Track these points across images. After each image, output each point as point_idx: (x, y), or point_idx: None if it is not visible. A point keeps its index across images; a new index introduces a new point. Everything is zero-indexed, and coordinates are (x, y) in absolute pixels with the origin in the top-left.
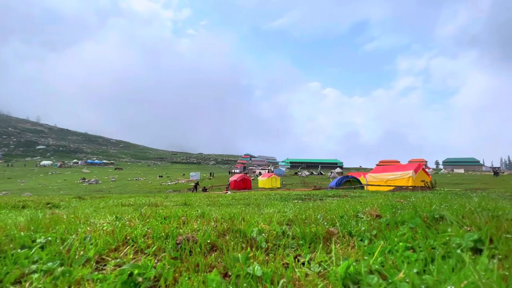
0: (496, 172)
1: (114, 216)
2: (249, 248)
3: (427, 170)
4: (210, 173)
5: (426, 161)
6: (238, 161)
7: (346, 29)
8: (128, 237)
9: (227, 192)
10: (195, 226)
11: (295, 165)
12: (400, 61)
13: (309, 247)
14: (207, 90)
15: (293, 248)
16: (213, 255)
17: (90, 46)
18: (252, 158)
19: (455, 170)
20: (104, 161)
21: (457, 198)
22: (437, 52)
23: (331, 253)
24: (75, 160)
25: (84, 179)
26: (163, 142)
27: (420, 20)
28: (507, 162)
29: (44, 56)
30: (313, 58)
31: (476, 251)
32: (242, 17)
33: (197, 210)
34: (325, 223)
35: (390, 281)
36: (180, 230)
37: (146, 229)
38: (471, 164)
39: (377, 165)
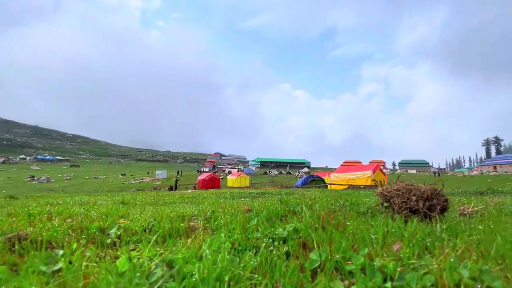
0: (436, 173)
1: None
2: (92, 245)
3: (385, 170)
4: (178, 172)
5: (385, 162)
6: (207, 160)
7: (316, 34)
8: None
9: (194, 191)
10: (48, 224)
11: (265, 164)
12: (364, 68)
13: (163, 242)
14: (176, 86)
15: (139, 243)
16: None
17: (43, 29)
18: (222, 157)
19: (409, 171)
20: (58, 157)
21: (355, 194)
22: (397, 62)
23: (173, 247)
24: (22, 156)
25: (32, 177)
26: (126, 138)
27: (384, 31)
28: (451, 164)
29: None
30: (285, 60)
31: (285, 241)
32: (215, 13)
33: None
34: (200, 218)
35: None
36: (29, 228)
37: None
38: (422, 165)
39: (341, 165)
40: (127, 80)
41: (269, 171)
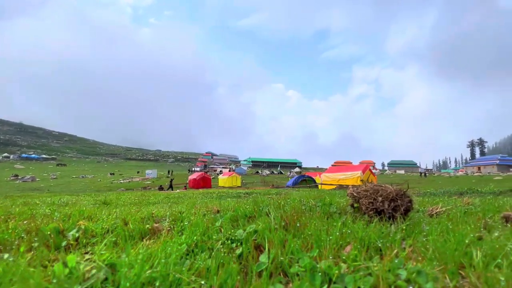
0: (423, 173)
1: None
2: (44, 248)
3: (374, 171)
4: (169, 171)
5: (374, 163)
6: (199, 159)
7: (309, 35)
8: None
9: (185, 190)
10: (3, 226)
11: (257, 164)
12: (356, 70)
13: (125, 244)
14: (168, 84)
15: (98, 245)
16: None
17: (28, 23)
18: (214, 157)
19: (397, 171)
20: (44, 155)
21: (332, 194)
22: (388, 64)
23: (132, 249)
24: (5, 154)
25: (16, 175)
26: (116, 137)
27: (375, 33)
28: (438, 165)
29: None
30: (278, 60)
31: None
32: (208, 11)
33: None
34: (168, 220)
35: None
36: None
37: None
38: (410, 166)
39: (332, 165)
40: (117, 78)
41: (261, 171)
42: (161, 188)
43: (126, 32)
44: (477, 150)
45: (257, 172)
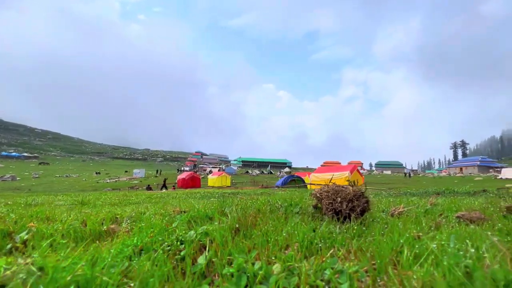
0: (407, 174)
1: None
2: None
3: (362, 171)
4: (157, 171)
5: (362, 163)
6: (188, 159)
7: (300, 36)
8: None
9: (174, 190)
10: None
11: (247, 164)
12: (345, 72)
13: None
14: (157, 82)
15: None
16: None
17: (7, 15)
18: (204, 156)
19: (384, 172)
20: (25, 154)
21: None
22: (375, 67)
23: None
24: None
25: None
26: (102, 135)
27: (363, 37)
28: (423, 166)
29: None
30: (269, 60)
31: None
32: (199, 9)
33: None
34: (128, 221)
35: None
36: None
37: None
38: (396, 166)
39: (321, 165)
40: (105, 74)
41: (251, 171)
42: (149, 188)
43: (114, 28)
44: (460, 152)
45: (247, 172)
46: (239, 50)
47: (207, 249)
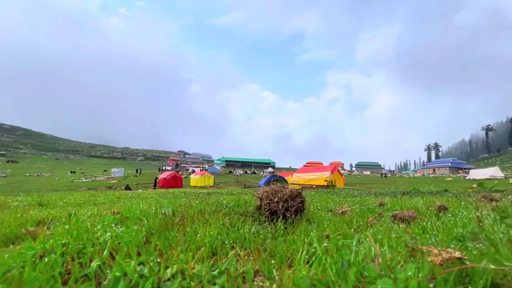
0: (383, 175)
1: None
2: None
3: (342, 171)
4: (137, 170)
5: (343, 164)
6: (170, 158)
7: (285, 37)
8: None
9: (154, 189)
10: None
11: (230, 163)
12: (328, 74)
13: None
14: (138, 79)
15: None
16: None
17: None
18: (186, 155)
19: (364, 172)
20: None
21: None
22: (357, 70)
23: None
24: None
25: None
26: (78, 133)
27: (347, 40)
28: (400, 166)
29: None
30: (254, 60)
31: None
32: (184, 6)
33: None
34: (56, 223)
35: None
36: None
37: None
38: (375, 167)
39: (303, 166)
40: (82, 68)
41: (234, 171)
42: (127, 188)
43: (92, 20)
44: (433, 154)
45: (231, 171)
46: (224, 49)
47: (104, 252)
